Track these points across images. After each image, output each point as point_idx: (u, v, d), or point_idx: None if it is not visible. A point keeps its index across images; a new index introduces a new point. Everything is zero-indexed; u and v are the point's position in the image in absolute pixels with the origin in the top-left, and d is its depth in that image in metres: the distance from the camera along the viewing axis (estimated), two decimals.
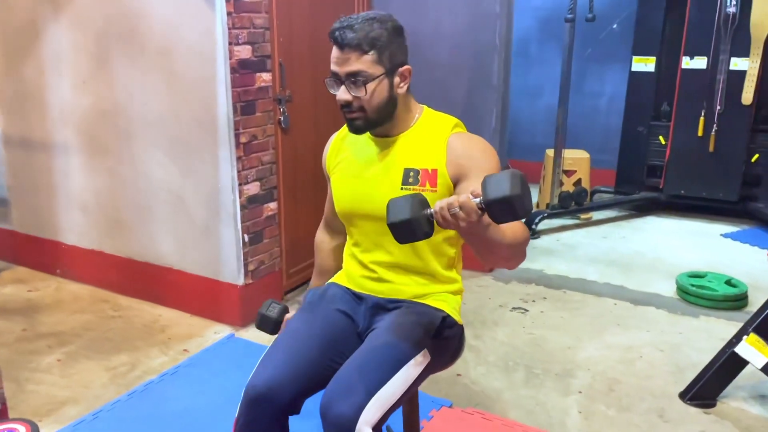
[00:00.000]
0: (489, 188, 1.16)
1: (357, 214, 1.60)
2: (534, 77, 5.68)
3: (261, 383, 1.44)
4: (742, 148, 4.40)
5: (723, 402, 2.38)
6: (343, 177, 1.63)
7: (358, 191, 1.59)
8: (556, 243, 4.21)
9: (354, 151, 1.63)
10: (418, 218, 1.23)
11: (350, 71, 1.46)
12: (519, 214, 1.16)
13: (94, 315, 3.10)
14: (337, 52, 1.47)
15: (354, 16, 1.47)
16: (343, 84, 1.48)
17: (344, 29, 1.44)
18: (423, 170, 1.52)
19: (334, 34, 1.46)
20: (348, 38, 1.43)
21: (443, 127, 1.56)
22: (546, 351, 2.78)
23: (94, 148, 3.20)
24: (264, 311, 1.78)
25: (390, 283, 1.62)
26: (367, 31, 1.44)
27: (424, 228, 1.25)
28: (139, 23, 2.86)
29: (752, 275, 3.55)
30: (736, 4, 4.19)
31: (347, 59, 1.45)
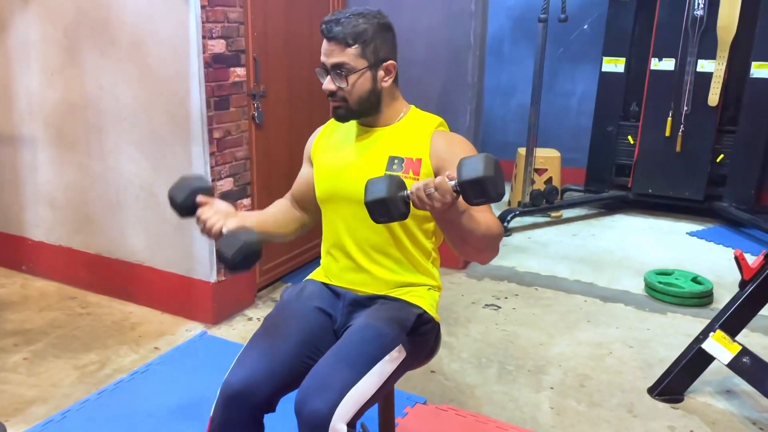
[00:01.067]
0: (463, 169, 1.23)
1: (337, 196, 1.62)
2: (506, 76, 5.73)
3: (237, 381, 1.43)
4: (707, 148, 4.51)
5: (690, 397, 2.44)
6: (328, 162, 1.66)
7: (341, 175, 1.61)
8: (528, 240, 4.26)
9: (341, 140, 1.67)
10: (394, 197, 1.27)
11: (335, 63, 1.52)
12: (491, 194, 1.21)
13: (61, 312, 3.04)
14: (325, 44, 1.53)
15: (343, 12, 1.54)
16: (329, 74, 1.54)
17: (331, 23, 1.51)
18: (407, 158, 1.56)
19: (322, 27, 1.53)
20: (334, 31, 1.50)
21: (428, 123, 1.62)
22: (518, 347, 2.81)
23: (62, 142, 3.14)
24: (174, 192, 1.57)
25: (367, 272, 1.62)
26: (353, 25, 1.50)
27: (400, 208, 1.28)
28: (111, 15, 2.81)
29: (717, 273, 3.64)
30: (704, 8, 4.28)
31: (332, 51, 1.52)
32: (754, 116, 4.39)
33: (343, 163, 1.62)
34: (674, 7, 4.40)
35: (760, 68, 4.29)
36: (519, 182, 4.77)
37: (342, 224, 1.64)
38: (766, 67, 4.27)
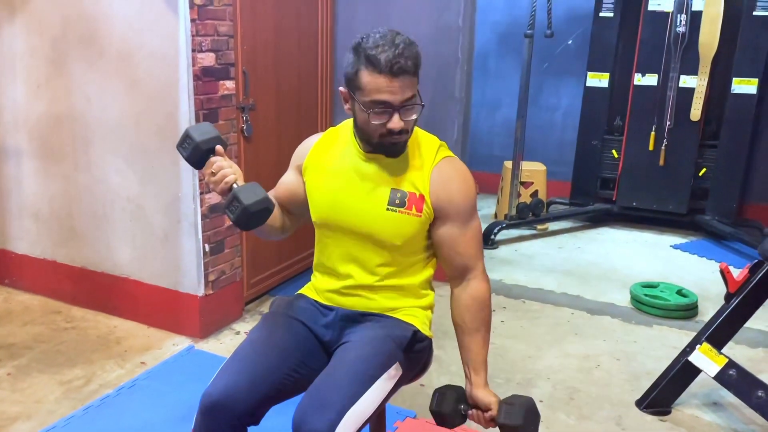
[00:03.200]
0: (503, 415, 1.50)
1: (336, 225, 1.59)
2: (492, 90, 5.78)
3: (217, 392, 1.41)
4: (690, 162, 4.58)
5: (678, 409, 2.46)
6: (325, 186, 1.59)
7: (340, 203, 1.57)
8: (515, 253, 4.28)
9: (340, 162, 1.59)
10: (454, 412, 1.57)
11: (406, 98, 1.43)
12: None
13: (46, 327, 2.99)
14: (389, 81, 1.40)
15: (391, 39, 1.41)
16: (397, 112, 1.43)
17: (398, 58, 1.38)
18: (411, 194, 1.53)
19: (389, 66, 1.38)
20: (405, 66, 1.39)
21: (429, 151, 1.57)
22: (507, 360, 2.82)
23: (48, 154, 3.11)
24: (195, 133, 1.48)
25: (360, 297, 1.61)
26: (414, 54, 1.42)
27: (456, 421, 1.58)
28: (99, 27, 2.80)
29: (701, 285, 3.68)
30: (686, 25, 4.36)
31: (403, 86, 1.41)
32: (736, 131, 4.46)
33: (344, 191, 1.56)
34: (657, 23, 4.48)
35: (741, 84, 4.37)
36: (505, 195, 4.80)
37: (337, 250, 1.61)
38: (746, 82, 4.35)
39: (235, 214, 1.41)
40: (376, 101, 1.42)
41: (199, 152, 1.48)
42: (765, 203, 4.83)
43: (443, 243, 1.57)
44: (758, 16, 4.25)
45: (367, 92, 1.42)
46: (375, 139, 1.48)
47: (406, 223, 1.53)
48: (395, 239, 1.54)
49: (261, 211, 1.42)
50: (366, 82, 1.41)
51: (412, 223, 1.53)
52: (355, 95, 1.46)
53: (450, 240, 1.56)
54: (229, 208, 1.42)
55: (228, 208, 1.42)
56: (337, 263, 1.62)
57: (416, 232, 1.55)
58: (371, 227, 1.54)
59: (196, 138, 1.47)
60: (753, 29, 4.28)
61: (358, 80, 1.43)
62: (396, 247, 1.56)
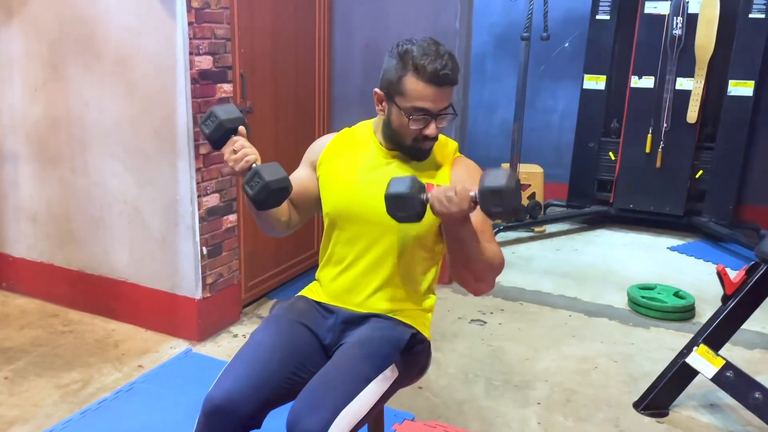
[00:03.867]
0: (486, 178, 1.31)
1: (350, 215, 1.60)
2: (489, 93, 5.79)
3: (220, 396, 1.42)
4: (687, 164, 4.59)
5: (675, 411, 2.46)
6: (340, 176, 1.63)
7: (357, 192, 1.59)
8: (512, 255, 4.28)
9: (357, 156, 1.64)
10: (414, 195, 1.35)
11: (444, 107, 1.50)
12: (508, 206, 1.30)
13: (43, 330, 2.99)
14: (434, 90, 1.47)
15: (436, 50, 1.47)
16: (434, 120, 1.51)
17: (445, 69, 1.45)
18: (428, 184, 1.55)
19: (435, 76, 1.45)
20: (450, 78, 1.47)
21: (447, 149, 1.66)
22: (505, 362, 2.82)
23: (45, 158, 3.10)
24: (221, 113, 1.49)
25: (366, 294, 1.62)
26: (456, 65, 1.49)
27: (417, 207, 1.36)
28: (96, 30, 2.80)
29: (698, 287, 3.69)
30: (682, 28, 4.38)
31: (444, 95, 1.49)
32: (732, 133, 4.48)
33: (361, 182, 1.60)
34: (653, 26, 4.49)
35: (737, 86, 4.38)
36: None
37: (350, 242, 1.63)
38: (742, 85, 4.37)
39: (254, 190, 1.42)
40: (417, 108, 1.48)
41: (221, 130, 1.49)
42: (761, 205, 4.84)
43: None
44: (754, 18, 4.26)
45: (409, 98, 1.48)
46: (408, 142, 1.55)
47: None
48: (410, 229, 1.55)
49: (281, 189, 1.44)
50: (410, 89, 1.48)
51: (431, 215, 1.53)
52: (395, 99, 1.51)
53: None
54: (249, 184, 1.43)
55: (248, 183, 1.43)
56: (350, 254, 1.63)
57: (432, 223, 1.56)
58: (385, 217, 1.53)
59: (221, 116, 1.49)
60: (749, 31, 4.29)
61: (401, 85, 1.49)
62: (409, 239, 1.57)
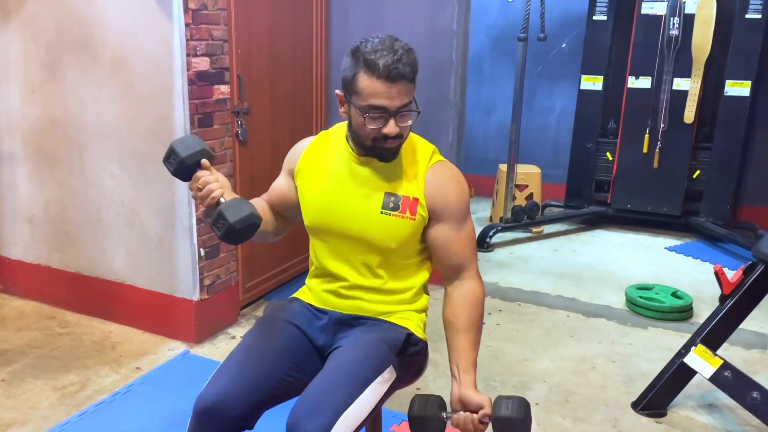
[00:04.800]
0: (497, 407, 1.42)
1: (329, 229, 1.59)
2: (486, 93, 5.79)
3: (211, 396, 1.41)
4: (684, 164, 4.60)
5: (673, 411, 2.46)
6: (318, 191, 1.59)
7: (333, 207, 1.57)
8: (510, 256, 4.28)
9: (332, 166, 1.59)
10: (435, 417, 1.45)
11: (402, 104, 1.43)
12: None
13: (40, 332, 2.98)
14: (387, 87, 1.40)
15: (390, 45, 1.41)
16: (393, 118, 1.44)
17: (396, 64, 1.39)
18: (404, 197, 1.53)
19: (386, 71, 1.39)
20: (403, 72, 1.40)
21: (423, 155, 1.58)
22: (503, 363, 2.82)
23: (42, 159, 3.10)
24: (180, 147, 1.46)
25: (355, 299, 1.61)
26: (412, 60, 1.43)
27: (437, 426, 1.45)
28: (94, 32, 2.79)
29: (696, 287, 3.70)
30: (679, 28, 4.39)
31: (400, 92, 1.42)
32: (729, 133, 4.49)
33: (337, 195, 1.56)
34: (650, 26, 4.50)
35: (734, 86, 4.39)
36: (500, 198, 4.81)
37: (329, 255, 1.62)
38: (739, 85, 4.38)
39: (221, 231, 1.40)
40: (372, 106, 1.42)
41: (184, 167, 1.47)
42: (759, 205, 4.85)
43: (438, 244, 1.58)
44: (750, 18, 4.27)
45: (364, 96, 1.42)
46: (369, 143, 1.48)
47: (399, 226, 1.53)
48: (389, 242, 1.54)
49: (247, 227, 1.41)
50: (363, 87, 1.41)
51: (406, 226, 1.53)
52: (352, 99, 1.45)
53: (445, 240, 1.57)
54: (216, 225, 1.41)
55: (215, 224, 1.41)
56: (331, 266, 1.62)
57: (410, 235, 1.56)
58: (365, 231, 1.54)
59: (181, 153, 1.46)
60: (745, 32, 4.30)
61: (355, 84, 1.43)
62: (390, 250, 1.56)
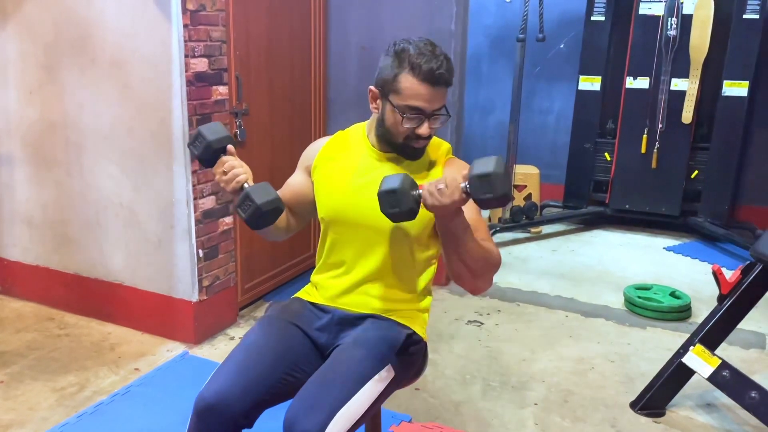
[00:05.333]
0: (475, 166, 1.32)
1: (346, 220, 1.61)
2: (485, 94, 5.79)
3: (211, 395, 1.42)
4: (682, 164, 4.60)
5: (672, 411, 2.46)
6: (333, 181, 1.63)
7: (350, 198, 1.60)
8: (509, 256, 4.28)
9: (351, 159, 1.64)
10: (406, 191, 1.34)
11: (438, 107, 1.50)
12: (498, 191, 1.29)
13: (39, 333, 2.98)
14: (428, 90, 1.47)
15: (431, 50, 1.47)
16: (427, 120, 1.50)
17: (438, 70, 1.45)
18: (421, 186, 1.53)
19: (431, 75, 1.45)
20: (445, 78, 1.47)
21: (440, 150, 1.65)
22: (502, 363, 2.82)
23: (41, 161, 3.10)
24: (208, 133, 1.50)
25: (363, 295, 1.62)
26: (452, 67, 1.49)
27: (410, 203, 1.35)
28: (92, 33, 2.79)
29: (694, 287, 3.70)
30: (677, 28, 4.39)
31: (438, 96, 1.49)
32: (727, 133, 4.49)
33: (354, 186, 1.60)
34: (648, 27, 4.50)
35: (732, 86, 4.40)
36: None
37: (346, 246, 1.63)
38: (737, 85, 4.38)
39: (247, 213, 1.43)
40: (411, 106, 1.48)
41: (210, 151, 1.51)
42: (757, 205, 4.86)
43: None
44: (748, 19, 4.27)
45: (404, 96, 1.48)
46: (400, 140, 1.54)
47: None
48: (409, 229, 1.56)
49: (272, 210, 1.45)
50: (405, 87, 1.47)
51: (423, 214, 1.52)
52: (390, 97, 1.51)
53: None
54: (241, 207, 1.44)
55: (240, 206, 1.44)
56: (347, 258, 1.63)
57: (426, 224, 1.57)
58: (378, 219, 1.53)
59: (208, 137, 1.50)
60: (743, 32, 4.31)
61: (396, 84, 1.49)
62: (406, 240, 1.58)
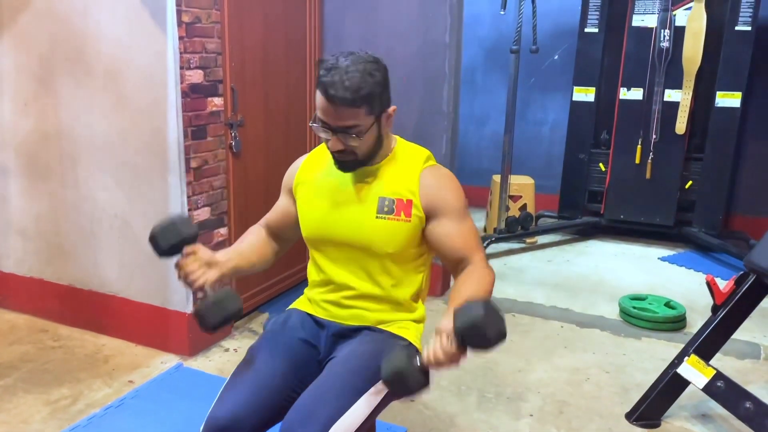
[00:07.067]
0: (457, 318, 1.26)
1: (326, 239, 1.60)
2: (480, 105, 5.82)
3: (224, 415, 1.41)
4: (676, 175, 4.62)
5: (667, 422, 2.46)
6: (314, 202, 1.62)
7: (329, 216, 1.59)
8: (504, 267, 4.29)
9: (327, 178, 1.62)
10: (409, 372, 1.29)
11: (344, 125, 1.44)
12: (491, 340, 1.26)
13: (32, 346, 2.96)
14: (330, 106, 1.41)
15: (345, 67, 1.40)
16: (335, 134, 1.46)
17: (337, 86, 1.38)
18: (398, 200, 1.55)
19: (327, 91, 1.39)
20: (342, 97, 1.38)
21: (416, 159, 1.60)
22: (497, 374, 2.81)
23: (35, 172, 3.09)
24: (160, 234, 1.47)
25: (353, 308, 1.62)
26: (361, 86, 1.39)
27: (418, 379, 1.30)
28: (87, 45, 2.80)
29: (689, 297, 3.71)
30: (669, 40, 4.43)
31: (341, 115, 1.42)
32: (720, 144, 4.52)
33: (332, 204, 1.59)
34: (641, 39, 4.54)
35: (725, 98, 4.43)
36: (494, 209, 4.82)
37: (330, 265, 1.62)
38: (730, 96, 4.41)
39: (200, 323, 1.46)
40: (320, 118, 1.47)
41: (165, 255, 1.51)
42: (750, 215, 4.88)
43: (440, 239, 1.56)
44: (740, 30, 4.31)
45: (317, 108, 1.47)
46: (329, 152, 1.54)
47: (396, 229, 1.54)
48: (387, 247, 1.55)
49: (223, 323, 1.46)
50: (317, 99, 1.45)
51: (403, 229, 1.54)
52: None
53: (447, 234, 1.55)
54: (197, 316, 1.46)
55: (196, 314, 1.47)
56: (333, 276, 1.63)
57: (408, 238, 1.56)
58: (363, 237, 1.55)
59: (162, 246, 1.48)
60: (735, 44, 4.34)
61: (315, 95, 1.47)
62: (389, 255, 1.57)
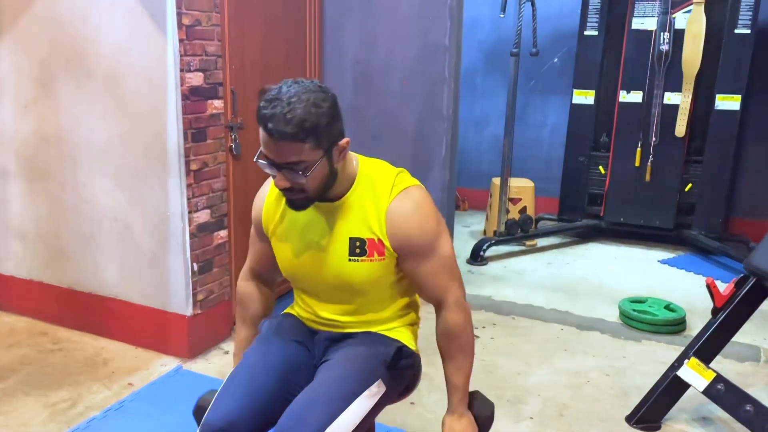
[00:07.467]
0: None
1: (304, 279, 1.60)
2: (479, 108, 5.83)
3: (219, 418, 1.41)
4: (676, 177, 4.62)
5: (667, 424, 2.46)
6: (286, 238, 1.56)
7: (303, 257, 1.55)
8: (504, 269, 4.29)
9: (295, 214, 1.53)
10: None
11: (288, 162, 1.32)
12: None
13: (31, 348, 2.96)
14: (269, 140, 1.29)
15: (287, 98, 1.28)
16: (280, 171, 1.35)
17: (278, 119, 1.26)
18: (369, 240, 1.48)
19: (266, 126, 1.27)
20: (283, 132, 1.26)
21: (383, 187, 1.48)
22: (497, 377, 2.81)
23: (35, 175, 3.09)
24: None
25: (340, 327, 1.63)
26: (305, 118, 1.27)
27: None
28: (87, 48, 2.80)
29: (688, 300, 3.70)
30: (669, 43, 4.43)
31: (283, 151, 1.30)
32: (720, 146, 4.52)
33: (305, 245, 1.53)
34: (640, 41, 4.54)
35: (724, 100, 4.43)
36: (494, 212, 4.82)
37: (313, 296, 1.63)
38: (729, 99, 4.41)
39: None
40: (263, 153, 1.35)
41: None
42: (750, 218, 4.88)
43: (413, 279, 1.56)
44: (739, 33, 4.32)
45: (261, 142, 1.34)
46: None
47: (370, 269, 1.50)
48: (364, 285, 1.53)
49: None
50: (260, 133, 1.32)
51: (377, 268, 1.51)
52: None
53: (416, 276, 1.54)
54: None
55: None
56: (312, 305, 1.63)
57: (386, 273, 1.53)
58: (337, 279, 1.53)
59: None
60: (735, 47, 4.35)
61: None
62: (365, 290, 1.56)
